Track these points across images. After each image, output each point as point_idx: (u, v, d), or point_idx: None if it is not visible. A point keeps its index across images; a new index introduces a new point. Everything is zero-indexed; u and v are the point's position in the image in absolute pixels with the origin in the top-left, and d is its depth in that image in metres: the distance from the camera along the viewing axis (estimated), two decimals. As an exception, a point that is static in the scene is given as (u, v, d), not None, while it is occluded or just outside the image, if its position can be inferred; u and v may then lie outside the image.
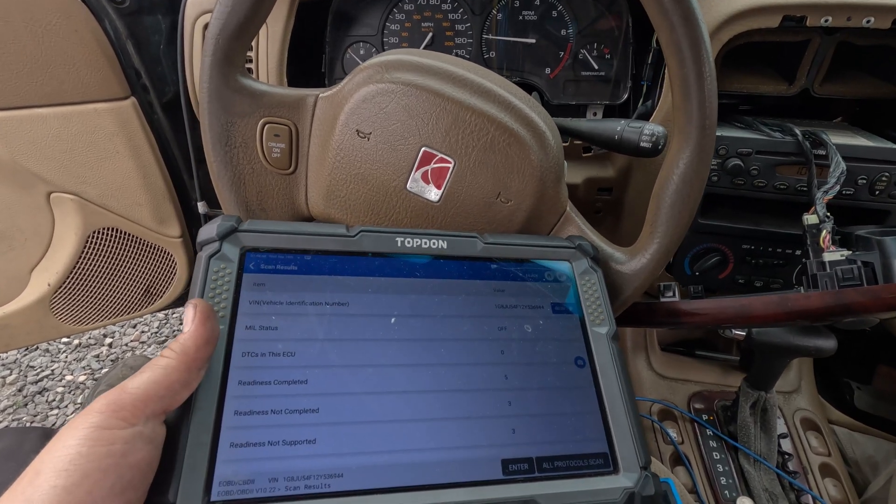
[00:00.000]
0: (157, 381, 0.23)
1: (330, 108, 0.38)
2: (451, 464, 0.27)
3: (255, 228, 0.30)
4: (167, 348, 0.24)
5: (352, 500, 0.24)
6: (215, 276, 0.28)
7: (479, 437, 0.28)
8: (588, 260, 0.35)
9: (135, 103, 0.67)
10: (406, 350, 0.29)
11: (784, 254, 0.60)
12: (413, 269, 0.32)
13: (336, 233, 0.31)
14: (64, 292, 0.74)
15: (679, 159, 0.36)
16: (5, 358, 1.24)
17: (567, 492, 0.27)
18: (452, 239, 0.33)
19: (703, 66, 0.33)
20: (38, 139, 0.64)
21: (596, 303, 0.34)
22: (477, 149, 0.36)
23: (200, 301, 0.26)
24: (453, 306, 0.31)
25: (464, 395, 0.29)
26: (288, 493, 0.24)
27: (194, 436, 0.24)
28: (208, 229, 0.30)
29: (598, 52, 0.63)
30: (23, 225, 0.69)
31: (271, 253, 0.30)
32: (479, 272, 0.33)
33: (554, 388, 0.30)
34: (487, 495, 0.26)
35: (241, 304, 0.28)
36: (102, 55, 0.63)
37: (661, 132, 0.42)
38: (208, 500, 0.23)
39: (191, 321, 0.25)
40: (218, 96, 0.37)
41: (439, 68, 0.37)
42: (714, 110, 0.34)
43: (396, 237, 0.32)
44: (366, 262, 0.31)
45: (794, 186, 0.55)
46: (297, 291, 0.29)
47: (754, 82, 0.60)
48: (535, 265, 0.34)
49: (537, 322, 0.32)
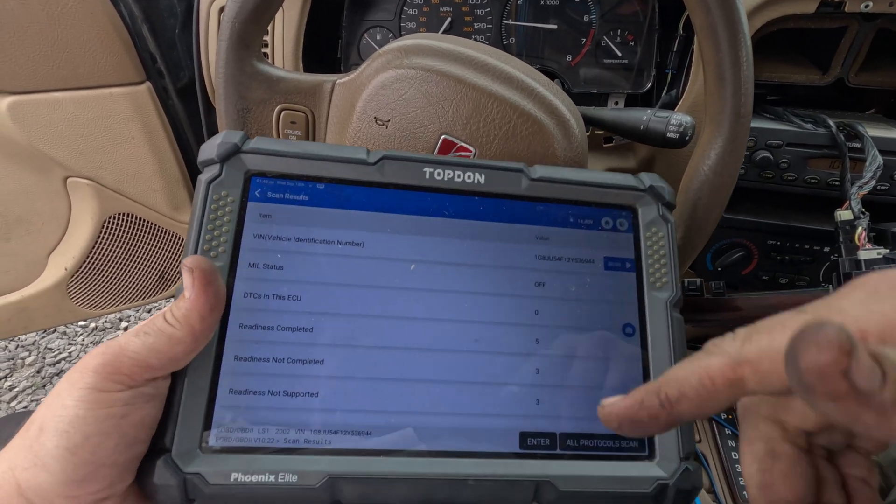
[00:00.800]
0: (160, 351, 0.21)
1: (347, 95, 0.37)
2: (464, 431, 0.24)
3: (262, 148, 0.26)
4: (170, 312, 0.22)
5: (350, 460, 0.23)
6: (215, 206, 0.25)
7: (498, 405, 0.25)
8: (659, 207, 0.29)
9: (150, 88, 0.67)
10: (424, 302, 0.26)
11: (812, 250, 0.58)
12: (441, 207, 0.27)
13: (354, 158, 0.27)
14: (80, 276, 0.74)
15: (710, 150, 0.34)
16: (24, 340, 1.27)
17: (589, 475, 0.24)
18: (492, 172, 0.28)
19: (739, 51, 0.31)
20: (54, 123, 0.64)
21: (661, 261, 0.28)
22: (499, 137, 0.35)
23: (199, 261, 0.22)
24: (484, 254, 0.27)
25: (485, 356, 0.26)
26: (286, 445, 0.23)
27: (192, 381, 0.23)
28: (208, 148, 0.26)
29: (621, 38, 0.61)
30: (40, 209, 0.70)
31: (280, 179, 0.26)
32: (520, 214, 0.28)
33: (592, 358, 0.26)
34: (498, 470, 0.24)
35: (244, 237, 0.25)
36: (118, 39, 0.62)
37: (689, 122, 0.40)
38: (206, 445, 0.23)
39: (191, 287, 0.22)
40: (234, 82, 0.36)
41: (460, 53, 0.36)
42: (750, 98, 0.32)
43: (424, 167, 0.27)
44: (387, 195, 0.27)
45: (825, 181, 0.53)
46: (306, 226, 0.26)
47: (786, 71, 0.57)
48: (590, 209, 0.29)
49: (584, 279, 0.27)
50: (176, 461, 0.22)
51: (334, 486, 0.23)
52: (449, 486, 0.23)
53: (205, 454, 0.23)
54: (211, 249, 0.25)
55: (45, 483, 0.19)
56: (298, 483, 0.22)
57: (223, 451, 0.23)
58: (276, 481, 0.22)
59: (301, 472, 0.23)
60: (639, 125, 0.41)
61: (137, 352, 0.21)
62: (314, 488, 0.22)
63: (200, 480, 0.22)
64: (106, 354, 0.21)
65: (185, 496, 0.22)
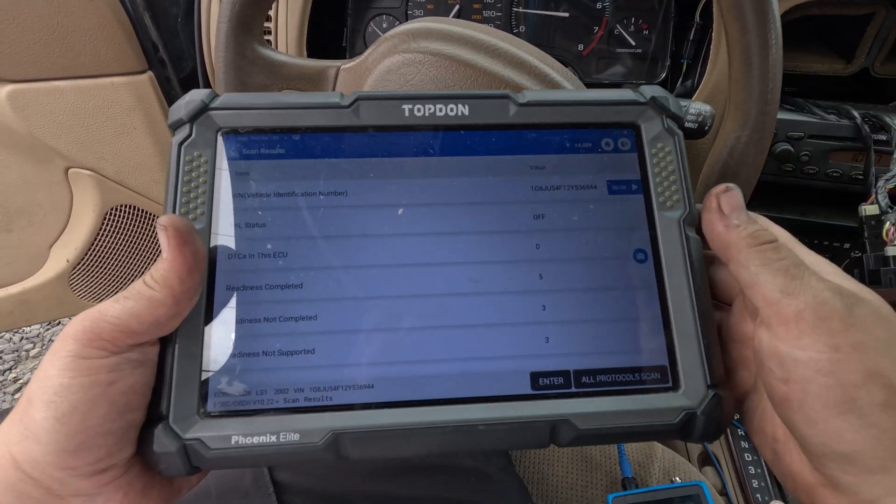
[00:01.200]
0: (140, 315, 0.20)
1: (352, 81, 0.35)
2: (470, 376, 0.23)
3: (231, 104, 0.25)
4: (149, 275, 0.21)
5: (353, 414, 0.23)
6: (189, 167, 0.24)
7: (505, 347, 0.24)
8: (664, 119, 0.26)
9: (152, 77, 0.66)
10: (416, 247, 0.25)
11: (831, 247, 0.56)
12: (425, 146, 0.26)
13: (328, 103, 0.25)
14: (82, 269, 0.74)
15: (734, 138, 0.32)
16: (29, 332, 1.27)
17: (609, 411, 0.23)
18: (476, 102, 0.26)
19: (769, 33, 0.29)
20: (54, 113, 0.63)
21: (670, 178, 0.26)
22: (510, 125, 0.33)
23: (173, 219, 0.21)
24: (475, 191, 0.25)
25: (486, 298, 0.24)
26: (286, 405, 0.22)
27: (183, 347, 0.22)
28: (177, 108, 0.25)
29: (635, 27, 0.59)
30: (42, 200, 0.69)
31: (253, 134, 0.25)
32: (511, 145, 0.26)
33: (603, 289, 0.25)
34: (512, 412, 0.23)
35: (222, 198, 0.24)
36: (119, 27, 0.61)
37: (709, 111, 0.38)
38: (204, 411, 0.22)
39: (167, 247, 0.21)
40: (234, 66, 0.34)
41: (470, 37, 0.34)
42: (778, 84, 0.30)
43: (403, 104, 0.26)
44: (366, 138, 0.26)
45: (848, 174, 0.51)
46: (286, 180, 0.25)
47: (808, 60, 0.55)
48: (587, 131, 0.26)
49: (587, 206, 0.26)
50: (174, 428, 0.21)
51: (339, 441, 0.22)
52: (459, 434, 0.22)
53: (203, 419, 0.22)
54: (189, 213, 0.24)
55: (38, 455, 0.19)
56: (301, 441, 0.22)
57: (222, 415, 0.22)
58: (278, 441, 0.22)
59: (303, 431, 0.22)
60: (655, 115, 0.40)
61: (118, 316, 0.20)
62: (317, 445, 0.22)
63: (201, 446, 0.21)
64: (85, 321, 0.20)
65: (187, 462, 0.22)
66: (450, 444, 0.22)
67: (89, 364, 0.20)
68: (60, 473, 0.19)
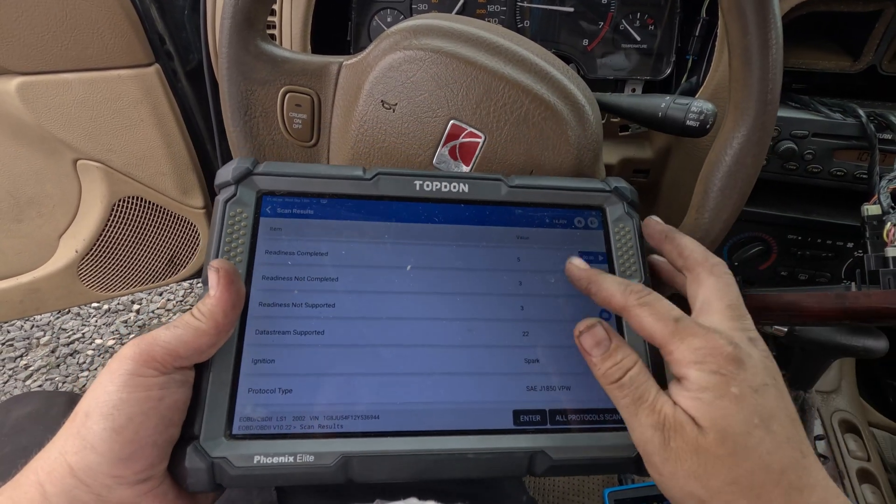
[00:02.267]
0: (187, 342, 0.24)
1: (354, 77, 0.35)
2: (462, 412, 0.27)
3: (271, 171, 0.30)
4: (197, 308, 0.25)
5: (361, 441, 0.26)
6: (232, 221, 0.28)
7: (493, 391, 0.28)
8: (624, 205, 0.32)
9: (159, 70, 0.66)
10: (421, 303, 0.29)
11: (834, 246, 0.56)
12: (431, 215, 0.31)
13: (352, 175, 0.30)
14: (91, 259, 0.75)
15: (733, 138, 0.32)
16: (39, 320, 1.29)
17: (578, 445, 0.27)
18: (475, 182, 0.31)
19: (769, 33, 0.29)
20: (63, 105, 0.63)
21: (629, 252, 0.31)
22: (510, 123, 0.33)
23: (223, 262, 0.26)
24: (472, 258, 0.30)
25: (479, 350, 0.28)
26: (302, 431, 0.26)
27: (217, 375, 0.25)
28: (224, 172, 0.29)
29: (640, 22, 0.58)
30: (51, 191, 0.70)
31: (287, 196, 0.29)
32: (501, 218, 0.31)
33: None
34: (496, 444, 0.26)
35: (258, 250, 0.28)
36: (126, 19, 0.61)
37: (710, 109, 0.38)
38: (230, 433, 0.25)
39: (216, 285, 0.25)
40: (237, 62, 0.35)
41: (471, 34, 0.34)
42: (778, 84, 0.30)
43: (415, 180, 0.31)
44: (383, 206, 0.30)
45: (852, 173, 0.51)
46: (313, 237, 0.29)
47: (814, 57, 0.55)
48: (563, 211, 0.32)
49: (562, 273, 0.30)
50: (204, 447, 0.24)
51: (348, 464, 0.25)
52: (451, 460, 0.26)
53: (229, 441, 0.25)
54: (229, 260, 0.27)
55: (94, 463, 0.21)
56: (315, 463, 0.25)
57: (246, 437, 0.25)
58: (295, 462, 0.24)
59: (317, 453, 0.25)
60: (657, 112, 0.40)
61: (168, 342, 0.23)
62: (329, 467, 0.25)
63: (227, 464, 0.24)
64: (141, 345, 0.23)
65: (212, 479, 0.24)
66: (443, 470, 0.26)
67: (144, 381, 0.22)
68: (111, 481, 0.22)
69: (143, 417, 0.22)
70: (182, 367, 0.24)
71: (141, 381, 0.22)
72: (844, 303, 0.33)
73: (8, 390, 1.15)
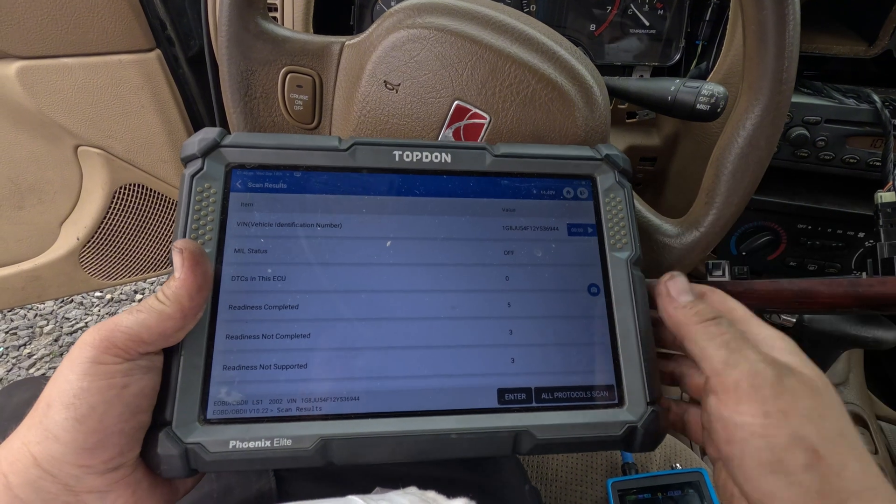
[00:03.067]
0: (151, 327, 0.23)
1: (356, 57, 0.35)
2: (445, 391, 0.26)
3: (240, 143, 0.28)
4: (161, 291, 0.24)
5: (340, 423, 0.25)
6: (200, 197, 0.27)
7: (477, 365, 0.27)
8: (616, 174, 0.31)
9: (160, 56, 0.66)
10: (401, 275, 0.28)
11: (845, 235, 0.55)
12: (412, 187, 0.29)
13: (327, 146, 0.29)
14: (92, 247, 0.74)
15: (746, 119, 0.31)
16: (42, 308, 1.29)
17: (564, 423, 0.26)
18: (458, 152, 0.30)
19: (786, 9, 0.28)
20: (63, 90, 0.63)
21: (619, 224, 0.30)
22: (516, 104, 0.33)
23: (188, 243, 0.24)
24: (455, 228, 0.29)
25: (461, 322, 0.27)
26: (279, 414, 0.25)
27: (188, 359, 0.24)
28: (189, 144, 0.27)
29: (650, 6, 0.57)
30: (52, 178, 0.70)
31: (258, 170, 0.28)
32: (486, 189, 0.30)
33: (562, 317, 0.28)
34: (480, 424, 0.25)
35: (228, 225, 0.27)
36: (126, 4, 0.61)
37: (722, 93, 0.37)
38: (204, 418, 0.24)
39: (180, 267, 0.24)
40: (237, 41, 0.34)
41: (477, 12, 0.33)
42: (794, 63, 0.29)
43: (394, 150, 0.29)
44: (360, 178, 0.29)
45: (865, 160, 0.50)
46: (286, 212, 0.28)
47: (827, 42, 0.53)
48: (551, 181, 0.30)
49: (549, 245, 0.29)
50: (177, 433, 0.23)
51: (327, 447, 0.24)
52: (434, 441, 0.25)
53: (203, 426, 0.24)
54: (198, 238, 0.26)
55: (58, 453, 0.21)
56: (293, 447, 0.24)
57: (221, 422, 0.24)
58: (272, 446, 0.24)
59: (295, 437, 0.24)
60: (666, 96, 0.39)
61: (130, 327, 0.22)
62: (308, 450, 0.24)
63: (201, 449, 0.23)
64: (101, 331, 0.22)
65: (187, 465, 0.23)
66: (426, 451, 0.25)
67: (105, 369, 0.22)
68: (77, 471, 0.21)
69: (106, 406, 0.21)
70: (148, 352, 0.23)
71: (102, 368, 0.21)
72: (858, 289, 0.32)
73: (11, 378, 1.16)
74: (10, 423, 0.45)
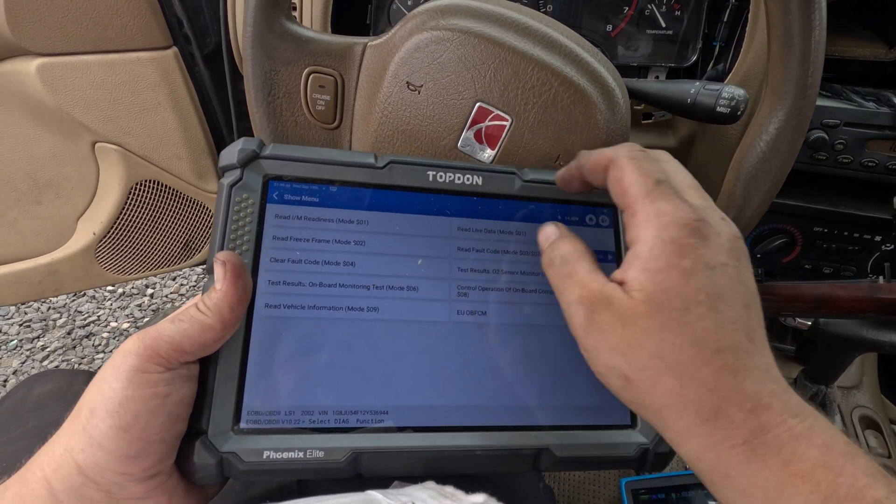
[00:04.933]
0: (192, 337, 0.23)
1: (379, 58, 0.35)
2: (471, 408, 0.27)
3: (279, 154, 0.28)
4: (202, 302, 0.24)
5: (370, 437, 0.26)
6: (238, 207, 0.27)
7: (501, 385, 0.28)
8: None
9: (176, 53, 0.66)
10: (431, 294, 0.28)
11: (862, 239, 0.54)
12: (444, 207, 0.30)
13: (364, 162, 0.29)
14: (108, 242, 0.75)
15: (770, 123, 0.31)
16: (55, 302, 1.31)
17: (581, 443, 0.27)
18: (489, 175, 0.30)
19: (812, 14, 0.28)
20: (82, 87, 0.64)
21: None
22: (538, 106, 0.33)
23: (230, 255, 0.25)
24: (482, 253, 0.30)
25: (487, 343, 0.28)
26: (311, 426, 0.25)
27: (223, 369, 0.25)
28: (229, 154, 0.28)
29: (667, 7, 0.57)
30: (69, 173, 0.71)
31: (296, 182, 0.28)
32: (513, 214, 0.31)
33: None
34: (504, 441, 0.26)
35: (264, 236, 0.27)
36: (145, 2, 0.61)
37: (742, 95, 0.37)
38: (238, 427, 0.24)
39: (222, 279, 0.24)
40: (261, 41, 0.34)
41: (500, 14, 0.33)
42: (819, 67, 0.29)
43: (428, 170, 0.30)
44: (394, 196, 0.29)
45: (884, 164, 0.49)
46: (321, 225, 0.28)
47: (847, 45, 0.53)
48: (576, 207, 0.31)
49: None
50: (212, 442, 0.24)
51: (358, 459, 0.25)
52: (459, 456, 0.26)
53: (237, 435, 0.24)
54: (236, 248, 0.27)
55: (102, 461, 0.21)
56: (325, 458, 0.24)
57: (254, 432, 0.25)
58: (305, 457, 0.24)
59: (327, 449, 0.24)
60: (686, 98, 0.39)
61: (172, 336, 0.23)
62: (340, 462, 0.24)
63: (236, 458, 0.24)
64: (145, 339, 0.22)
65: (221, 473, 0.24)
66: (451, 465, 0.26)
67: (149, 378, 0.22)
68: (119, 478, 0.21)
69: (149, 415, 0.22)
70: (187, 361, 0.23)
71: (146, 377, 0.22)
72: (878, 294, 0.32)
73: (26, 370, 1.17)
74: (31, 415, 0.46)
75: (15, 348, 1.22)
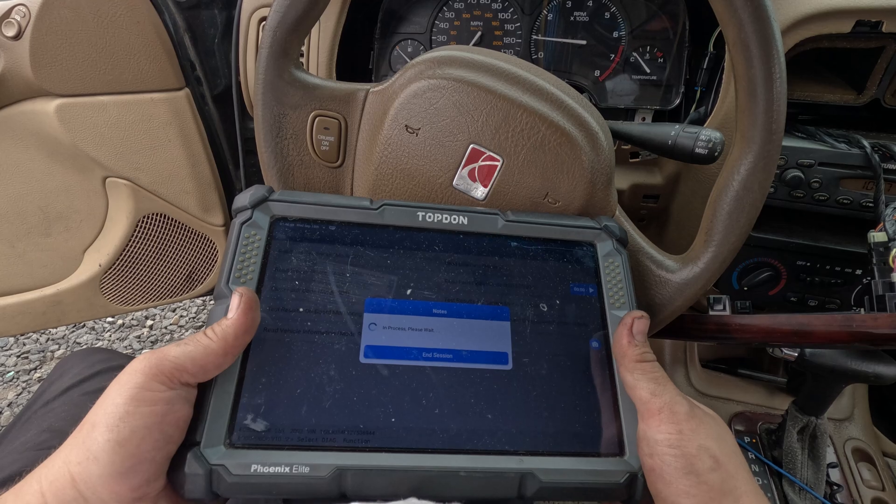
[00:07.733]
0: (195, 359, 0.24)
1: (380, 103, 0.38)
2: (456, 432, 0.28)
3: (285, 199, 0.32)
4: (211, 329, 0.26)
5: (355, 455, 0.26)
6: (246, 242, 0.30)
7: (486, 409, 0.29)
8: (613, 241, 0.35)
9: (188, 94, 0.70)
10: (418, 322, 0.30)
11: (843, 272, 0.56)
12: (432, 244, 0.33)
13: (360, 205, 0.33)
14: (113, 273, 0.77)
15: (740, 165, 0.34)
16: (54, 333, 1.31)
17: (567, 468, 0.27)
18: (473, 215, 0.34)
19: (772, 67, 0.31)
20: (97, 125, 0.67)
21: (618, 286, 0.33)
22: (527, 147, 0.35)
23: (247, 290, 0.27)
24: (468, 283, 0.32)
25: (472, 368, 0.29)
26: (299, 443, 0.26)
27: (220, 385, 0.26)
28: (242, 198, 0.32)
29: (650, 54, 0.61)
30: (79, 207, 0.73)
31: (298, 222, 0.32)
32: (497, 250, 0.33)
33: (567, 369, 0.30)
34: (487, 464, 0.27)
35: (268, 268, 0.30)
36: (161, 47, 0.65)
37: (718, 138, 0.40)
38: (230, 442, 0.25)
39: (235, 308, 0.26)
40: (272, 87, 0.37)
41: (491, 65, 0.36)
42: (782, 115, 0.32)
43: (418, 211, 0.33)
44: (387, 234, 0.32)
45: (858, 201, 0.52)
46: (319, 259, 0.31)
47: (819, 90, 0.56)
48: (556, 245, 0.34)
49: (553, 302, 0.32)
50: (204, 454, 0.25)
51: (342, 476, 0.25)
52: (443, 478, 0.26)
53: (228, 449, 0.25)
54: (241, 277, 0.29)
55: (95, 475, 0.21)
56: (310, 474, 0.25)
57: (245, 446, 0.26)
58: (290, 472, 0.25)
59: (313, 465, 0.25)
60: (667, 140, 0.41)
61: (177, 357, 0.24)
62: (324, 478, 0.25)
63: (224, 471, 0.24)
64: (151, 359, 0.24)
65: (209, 486, 0.24)
66: (434, 487, 0.26)
67: (151, 395, 0.23)
68: (108, 496, 0.22)
69: (145, 431, 0.22)
70: (187, 383, 0.24)
71: (148, 395, 0.23)
72: (852, 325, 0.34)
73: (21, 402, 1.17)
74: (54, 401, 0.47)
75: (11, 380, 1.21)
